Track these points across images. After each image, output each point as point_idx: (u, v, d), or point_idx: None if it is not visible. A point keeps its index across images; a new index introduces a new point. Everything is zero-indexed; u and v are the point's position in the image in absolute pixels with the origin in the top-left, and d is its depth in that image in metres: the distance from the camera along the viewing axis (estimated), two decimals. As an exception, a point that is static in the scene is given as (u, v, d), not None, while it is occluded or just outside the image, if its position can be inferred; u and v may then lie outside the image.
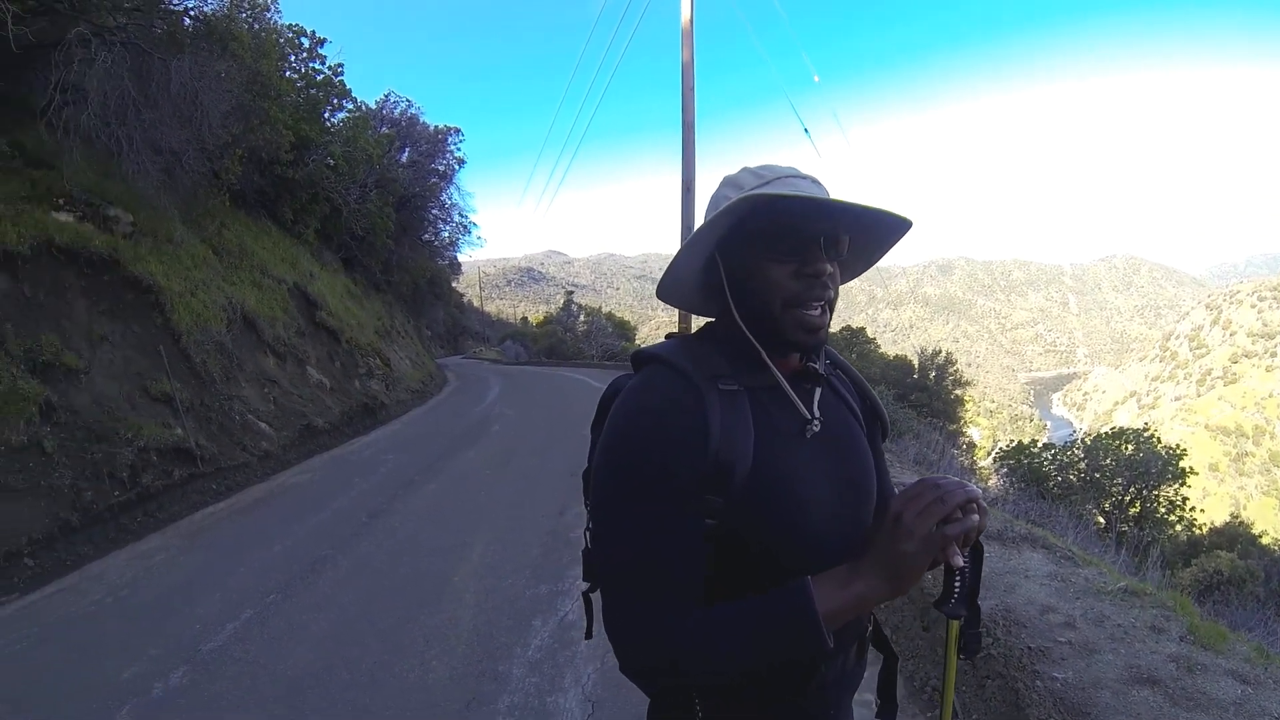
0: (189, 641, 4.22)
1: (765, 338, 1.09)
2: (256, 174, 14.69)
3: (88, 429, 6.89)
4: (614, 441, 1.05)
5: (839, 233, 1.06)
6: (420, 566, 5.38)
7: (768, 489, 1.02)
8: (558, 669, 3.70)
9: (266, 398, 10.68)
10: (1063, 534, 6.05)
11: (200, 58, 10.39)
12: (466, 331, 57.82)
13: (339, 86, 19.59)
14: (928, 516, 0.89)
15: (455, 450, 10.35)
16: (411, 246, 28.84)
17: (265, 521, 6.91)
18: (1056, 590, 3.83)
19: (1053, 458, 15.78)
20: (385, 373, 16.64)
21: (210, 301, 10.41)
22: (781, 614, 0.92)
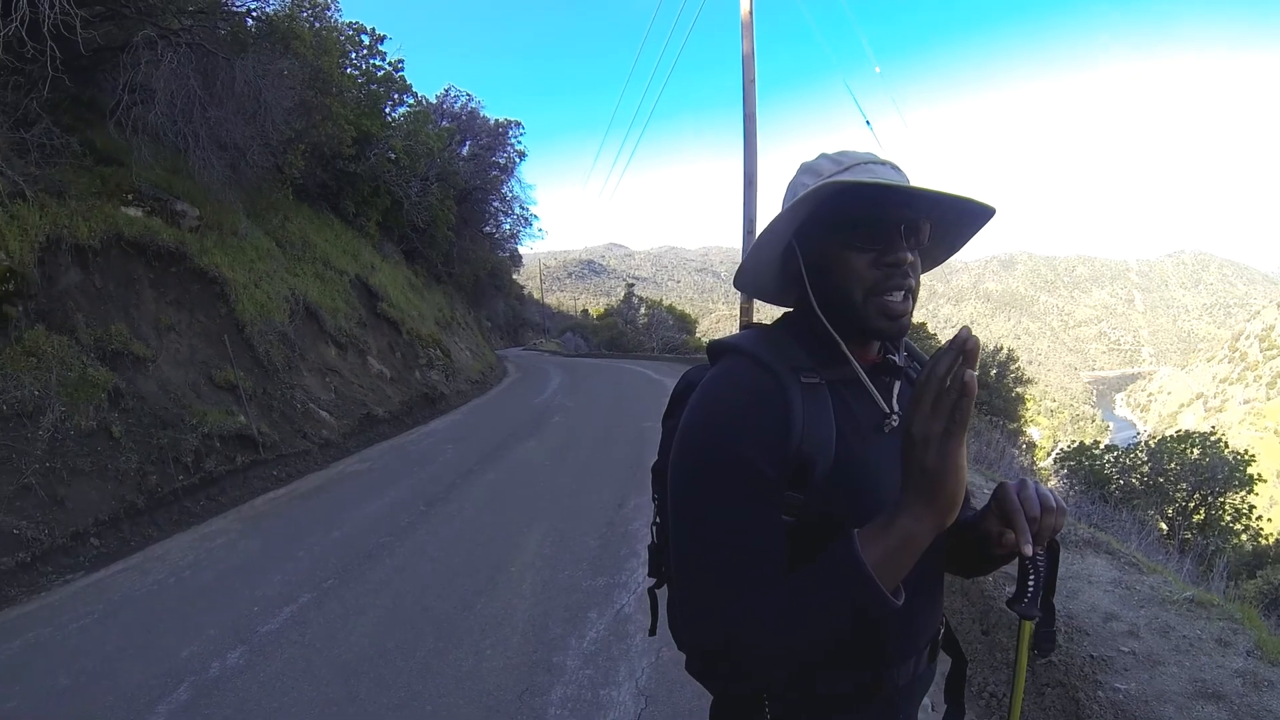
0: (247, 622, 4.31)
1: (845, 328, 1.05)
2: (319, 168, 15.10)
3: (154, 415, 7.14)
4: (692, 433, 1.01)
5: (919, 220, 1.03)
6: (477, 555, 5.38)
7: (849, 486, 0.99)
8: (612, 662, 3.65)
9: (327, 387, 10.94)
10: (1125, 539, 5.80)
11: (263, 56, 10.70)
12: (526, 323, 58.34)
13: (399, 82, 19.96)
14: (935, 414, 0.82)
15: (514, 441, 10.36)
16: (472, 239, 29.27)
17: (324, 508, 7.02)
18: (1120, 598, 3.67)
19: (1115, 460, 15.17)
20: (445, 363, 16.87)
21: (273, 293, 10.70)
22: (827, 569, 0.87)
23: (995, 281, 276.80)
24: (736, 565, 0.93)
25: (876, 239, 1.00)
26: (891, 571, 0.85)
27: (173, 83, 8.96)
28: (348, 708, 3.32)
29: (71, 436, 6.17)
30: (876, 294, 1.01)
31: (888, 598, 0.84)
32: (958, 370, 0.80)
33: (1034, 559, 0.97)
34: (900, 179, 1.01)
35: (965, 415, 0.81)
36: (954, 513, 0.85)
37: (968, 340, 0.81)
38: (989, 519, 1.04)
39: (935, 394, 0.82)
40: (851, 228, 1.01)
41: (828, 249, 1.04)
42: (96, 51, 8.56)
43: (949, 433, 0.81)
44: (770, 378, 0.99)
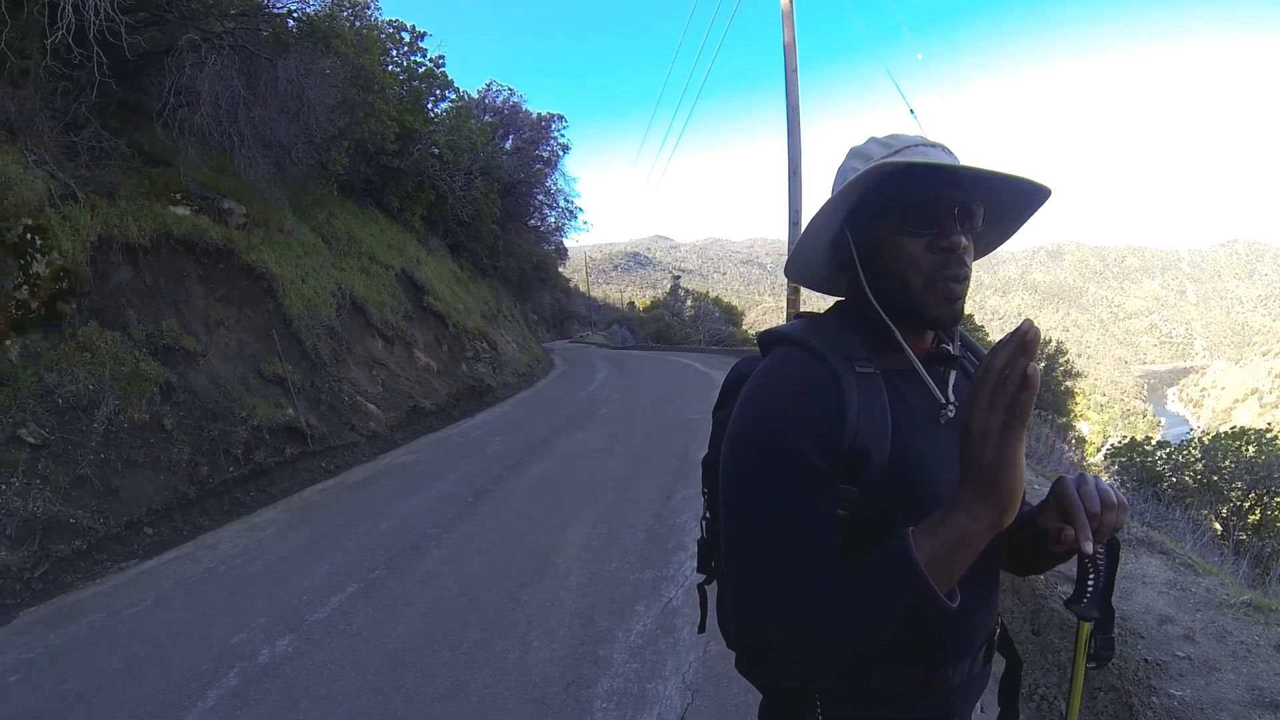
0: (295, 611, 4.37)
1: (900, 315, 1.03)
2: (363, 164, 15.32)
3: (204, 408, 7.30)
4: (744, 425, 0.99)
5: (972, 203, 1.00)
6: (524, 547, 5.37)
7: (906, 479, 0.97)
8: (659, 655, 3.62)
9: (374, 380, 11.09)
10: (1179, 539, 5.57)
11: (305, 56, 10.85)
12: (573, 316, 58.66)
13: (441, 78, 20.15)
14: (994, 408, 0.78)
15: (561, 433, 10.35)
16: (517, 232, 29.46)
17: (372, 499, 7.10)
18: (1175, 600, 3.54)
19: (1167, 457, 14.66)
20: (491, 356, 17.01)
21: (320, 287, 10.88)
22: (881, 566, 0.84)
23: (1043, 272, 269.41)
24: (788, 556, 0.91)
25: (930, 223, 0.99)
26: (946, 571, 0.82)
27: (217, 84, 9.14)
28: (394, 697, 3.34)
29: (125, 429, 6.34)
30: (934, 280, 0.99)
31: (941, 598, 0.81)
32: (1018, 362, 0.76)
33: (1094, 557, 0.96)
34: (952, 161, 0.98)
35: (1025, 409, 0.77)
36: (1012, 511, 0.81)
37: (1028, 332, 0.77)
38: (1047, 514, 1.00)
39: (993, 387, 0.78)
40: (904, 212, 0.99)
41: (880, 235, 1.02)
42: (142, 56, 8.79)
43: (1008, 427, 0.77)
44: (823, 367, 0.97)
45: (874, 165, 0.95)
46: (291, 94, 10.42)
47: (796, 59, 12.04)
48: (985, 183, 0.99)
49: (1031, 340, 0.76)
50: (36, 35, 7.18)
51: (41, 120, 7.17)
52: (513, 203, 28.16)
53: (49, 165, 7.02)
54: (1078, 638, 1.02)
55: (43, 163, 6.96)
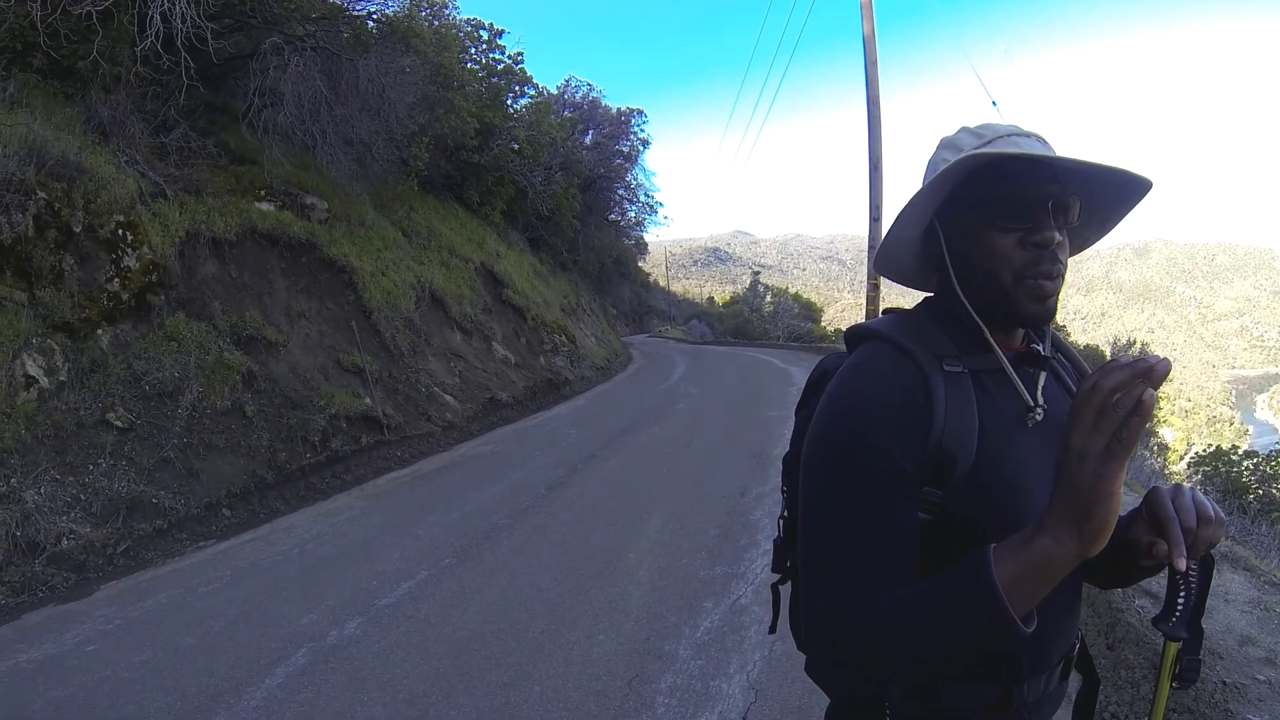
0: (365, 595, 4.42)
1: (989, 314, 1.00)
2: (443, 160, 15.60)
3: (284, 396, 7.53)
4: (828, 423, 0.97)
5: (1068, 196, 0.96)
6: (595, 540, 5.33)
7: (992, 484, 0.94)
8: (724, 653, 3.57)
9: (452, 371, 11.26)
10: (1265, 555, 5.15)
11: (385, 55, 11.11)
12: (652, 310, 58.84)
13: (520, 74, 20.37)
14: (1098, 429, 0.72)
15: (637, 427, 10.30)
16: (597, 226, 29.64)
17: (446, 488, 7.17)
18: (1259, 620, 3.33)
19: (1254, 467, 13.72)
20: (570, 349, 17.09)
21: (400, 280, 11.11)
22: (958, 584, 0.81)
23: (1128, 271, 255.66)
24: (866, 557, 0.89)
25: (1023, 217, 0.95)
26: (1025, 595, 0.78)
27: (299, 85, 9.44)
28: (457, 683, 3.34)
29: (208, 415, 6.58)
30: (1025, 277, 0.96)
31: (1017, 623, 0.77)
32: (1136, 387, 0.70)
33: (1186, 575, 0.92)
34: (1046, 152, 0.95)
35: (1133, 436, 0.71)
36: (1101, 542, 0.75)
37: (1160, 364, 0.71)
38: (1138, 526, 0.97)
39: (1100, 407, 0.72)
40: (995, 205, 0.96)
41: (971, 229, 0.99)
42: (227, 60, 9.14)
43: (1111, 452, 0.72)
44: (912, 365, 0.95)
45: (964, 156, 0.92)
46: (372, 92, 10.67)
47: (876, 51, 11.73)
48: (1081, 175, 0.94)
49: (1160, 370, 0.71)
50: (127, 43, 7.54)
51: (133, 123, 7.53)
52: (592, 197, 28.34)
53: (140, 165, 7.37)
54: (1163, 657, 0.97)
55: (134, 163, 7.31)
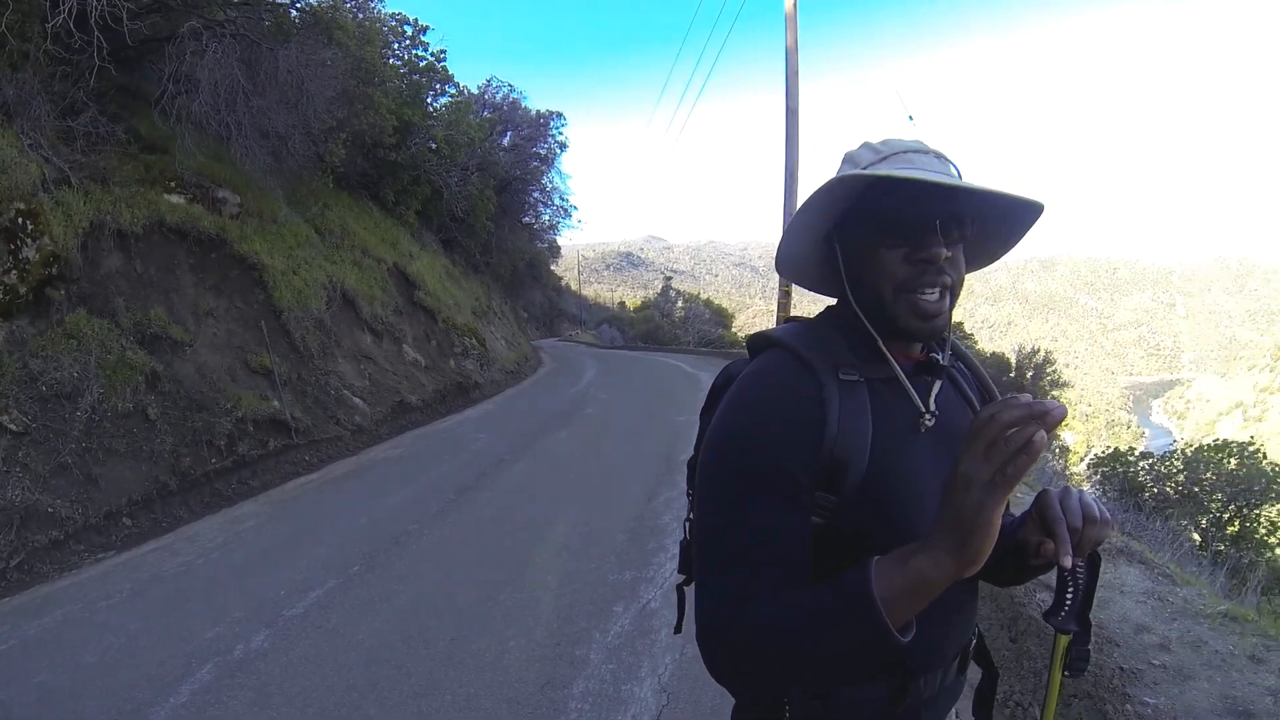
0: (272, 606, 4.37)
1: (882, 326, 1.03)
2: (360, 157, 15.27)
3: (189, 398, 7.29)
4: (725, 428, 1.00)
5: (962, 214, 0.98)
6: (504, 545, 5.39)
7: (884, 488, 0.96)
8: (636, 657, 3.64)
9: (362, 374, 11.08)
10: (1158, 549, 5.68)
11: (306, 47, 10.83)
12: (563, 314, 58.57)
13: (441, 72, 20.10)
14: (987, 461, 0.74)
15: (546, 431, 10.40)
16: (511, 229, 29.42)
17: (354, 494, 7.11)
18: (1152, 610, 3.62)
19: (1149, 468, 14.86)
20: (480, 352, 16.96)
21: (311, 279, 10.85)
22: (840, 597, 0.83)
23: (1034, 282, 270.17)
24: (756, 568, 0.91)
25: (910, 234, 0.98)
26: (903, 608, 0.81)
27: (217, 72, 9.10)
28: (369, 694, 3.35)
29: (108, 417, 6.33)
30: (907, 291, 0.99)
31: (894, 634, 0.79)
32: (1029, 427, 0.72)
33: (1073, 571, 0.95)
34: (944, 169, 0.98)
35: (1019, 473, 0.72)
36: (976, 565, 0.78)
37: (1056, 410, 0.73)
38: (1029, 527, 1.01)
39: (992, 439, 0.74)
40: (886, 221, 0.98)
41: (863, 243, 1.02)
42: (143, 42, 8.78)
43: (994, 484, 0.73)
44: (808, 374, 0.98)
45: (835, 179, 0.96)
46: (291, 84, 10.39)
47: (798, 63, 12.08)
48: (975, 195, 0.97)
49: (1056, 418, 0.72)
50: (38, 19, 7.14)
51: (39, 104, 7.13)
52: (508, 199, 28.13)
53: (44, 149, 7.00)
54: (1054, 649, 1.03)
55: (38, 146, 6.94)
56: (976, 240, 1.07)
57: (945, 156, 1.01)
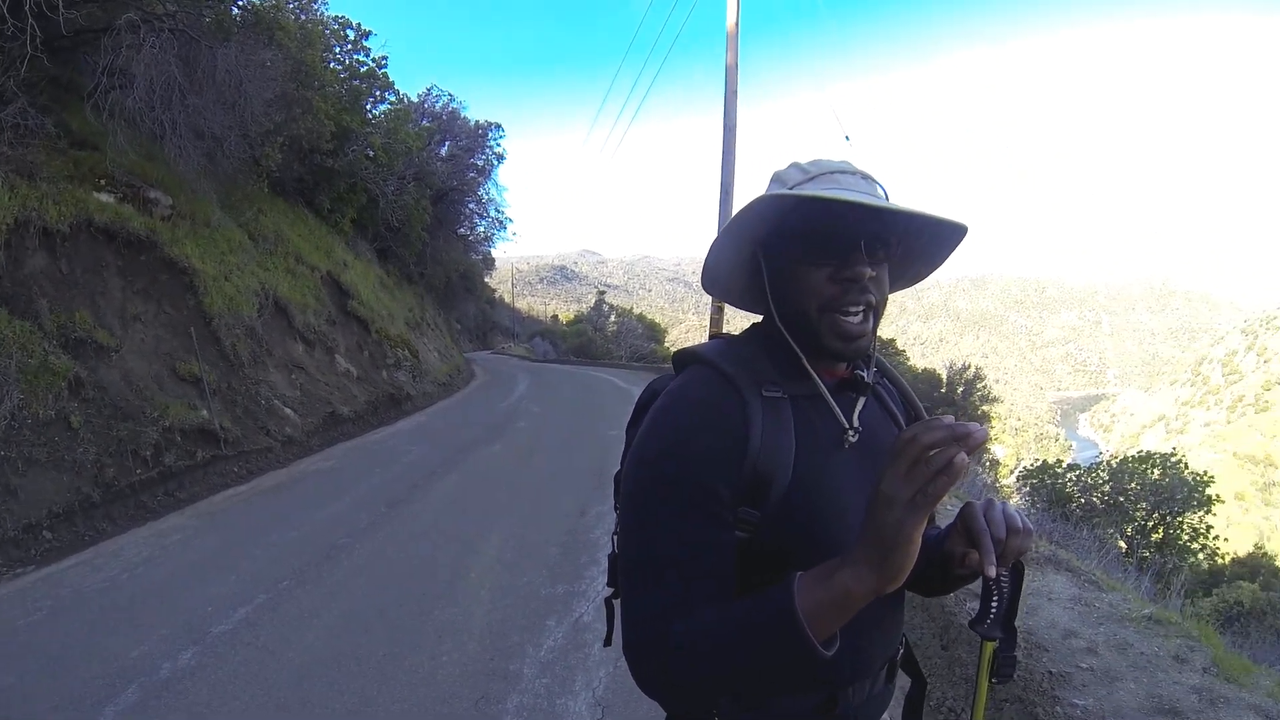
0: (200, 623, 4.23)
1: (805, 343, 1.04)
2: (296, 162, 14.96)
3: (115, 406, 7.00)
4: (649, 443, 1.00)
5: (886, 235, 1.00)
6: (436, 559, 5.36)
7: (807, 504, 0.97)
8: (569, 671, 3.65)
9: (293, 384, 10.81)
10: (1085, 557, 5.94)
11: (246, 46, 10.60)
12: (496, 327, 58.08)
13: (382, 79, 19.82)
14: (908, 480, 0.75)
15: (478, 444, 10.35)
16: (446, 240, 29.09)
17: (284, 506, 6.94)
18: (1079, 615, 3.80)
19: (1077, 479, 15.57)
20: (413, 364, 16.73)
21: (243, 286, 10.57)
22: (765, 612, 0.84)
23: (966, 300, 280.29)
24: (680, 584, 0.92)
25: (834, 253, 0.99)
26: (825, 622, 0.82)
27: (153, 68, 8.83)
28: (300, 712, 3.29)
29: (28, 425, 6.03)
30: (830, 310, 1.00)
31: (817, 648, 0.80)
32: (950, 449, 0.73)
33: (998, 580, 0.96)
34: (871, 189, 1.00)
35: (939, 493, 0.73)
36: (897, 582, 0.79)
37: (976, 433, 0.73)
38: (953, 538, 1.04)
39: (914, 459, 0.74)
40: (812, 240, 0.99)
41: (788, 261, 1.03)
42: (78, 32, 8.46)
43: (915, 504, 0.74)
44: (731, 390, 0.98)
45: (761, 198, 0.97)
46: (229, 84, 10.14)
47: (737, 81, 12.33)
48: (900, 216, 0.97)
49: (977, 440, 0.73)
50: (-33, 4, 6.83)
51: (-35, 92, 6.81)
52: (444, 210, 27.85)
53: (-32, 141, 6.68)
54: (981, 656, 1.05)
55: (-39, 137, 6.61)
56: (902, 260, 1.10)
57: (872, 177, 1.03)
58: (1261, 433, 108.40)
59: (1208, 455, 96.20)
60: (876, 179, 1.03)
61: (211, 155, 10.52)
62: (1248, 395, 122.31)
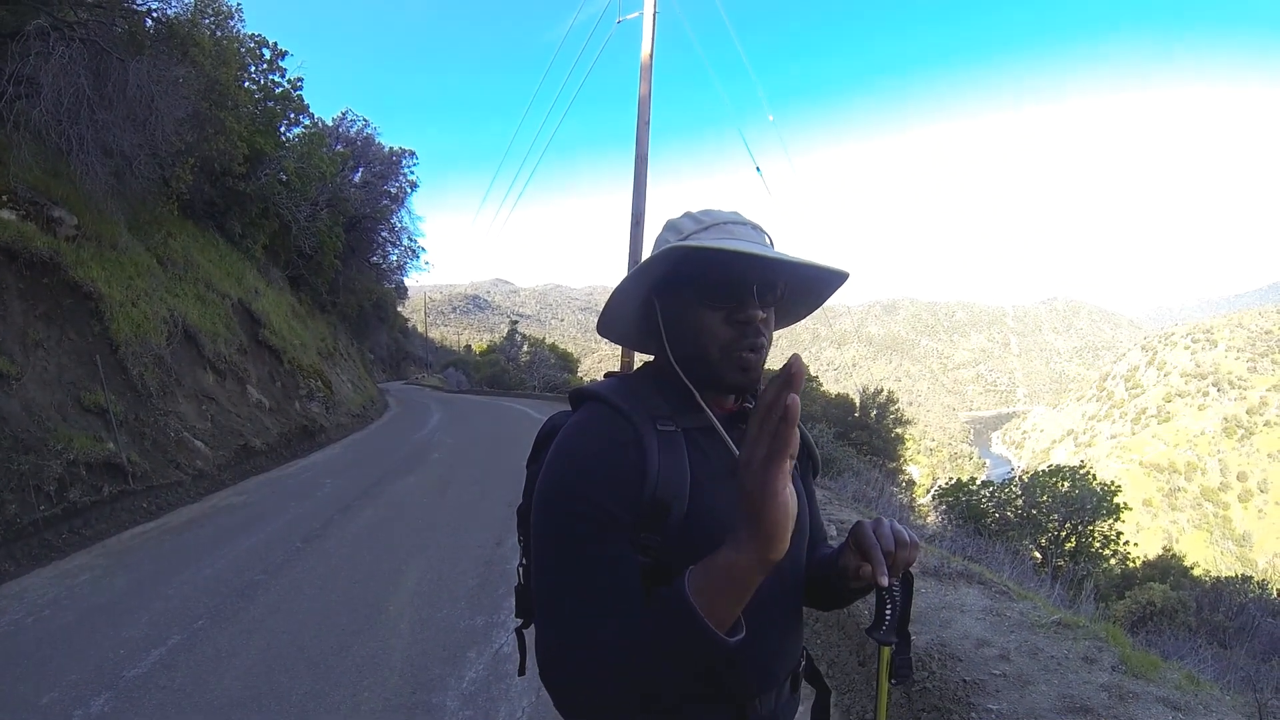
0: (112, 667, 4.03)
1: (699, 380, 1.10)
2: (207, 184, 14.38)
3: (15, 438, 6.51)
4: (552, 480, 1.03)
5: (774, 280, 1.08)
6: (354, 594, 5.26)
7: (703, 528, 1.02)
8: (492, 702, 3.65)
9: (204, 415, 10.29)
10: (999, 570, 6.20)
11: (160, 61, 10.22)
12: (409, 357, 57.09)
13: (297, 101, 19.32)
14: (759, 440, 0.79)
15: (393, 476, 10.22)
16: (359, 268, 28.53)
17: (196, 543, 6.63)
18: (991, 625, 3.93)
19: (990, 495, 16.21)
20: (326, 395, 16.24)
21: (151, 313, 10.04)
22: (661, 608, 0.88)
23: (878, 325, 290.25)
24: (590, 608, 0.96)
25: (729, 298, 1.06)
26: (721, 605, 0.84)
27: (61, 79, 8.42)
28: None
29: (-80, 459, 5.54)
30: (730, 350, 1.06)
31: (714, 633, 0.83)
32: (781, 395, 0.77)
33: (890, 589, 1.05)
34: (758, 239, 1.09)
35: (786, 440, 0.78)
36: (779, 543, 0.81)
37: (793, 365, 0.79)
38: (847, 554, 1.11)
39: (760, 420, 0.79)
40: (706, 286, 1.06)
41: (684, 306, 1.09)
42: (-17, 37, 7.95)
43: (770, 457, 0.78)
44: (628, 426, 1.04)
45: (670, 249, 1.02)
46: (140, 100, 9.70)
47: (650, 112, 12.50)
48: (788, 264, 1.05)
49: (796, 374, 0.78)
50: None
51: None
52: (357, 237, 27.32)
53: None
54: (879, 661, 1.13)
55: None
56: (787, 302, 1.19)
57: (760, 228, 1.12)
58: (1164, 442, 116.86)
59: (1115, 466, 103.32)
60: (764, 229, 1.12)
61: (120, 174, 9.99)
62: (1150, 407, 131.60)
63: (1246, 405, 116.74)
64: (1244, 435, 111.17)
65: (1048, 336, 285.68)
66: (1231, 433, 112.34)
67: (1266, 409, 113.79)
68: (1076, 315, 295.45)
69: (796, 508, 0.82)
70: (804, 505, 1.25)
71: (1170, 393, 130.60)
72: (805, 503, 1.27)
